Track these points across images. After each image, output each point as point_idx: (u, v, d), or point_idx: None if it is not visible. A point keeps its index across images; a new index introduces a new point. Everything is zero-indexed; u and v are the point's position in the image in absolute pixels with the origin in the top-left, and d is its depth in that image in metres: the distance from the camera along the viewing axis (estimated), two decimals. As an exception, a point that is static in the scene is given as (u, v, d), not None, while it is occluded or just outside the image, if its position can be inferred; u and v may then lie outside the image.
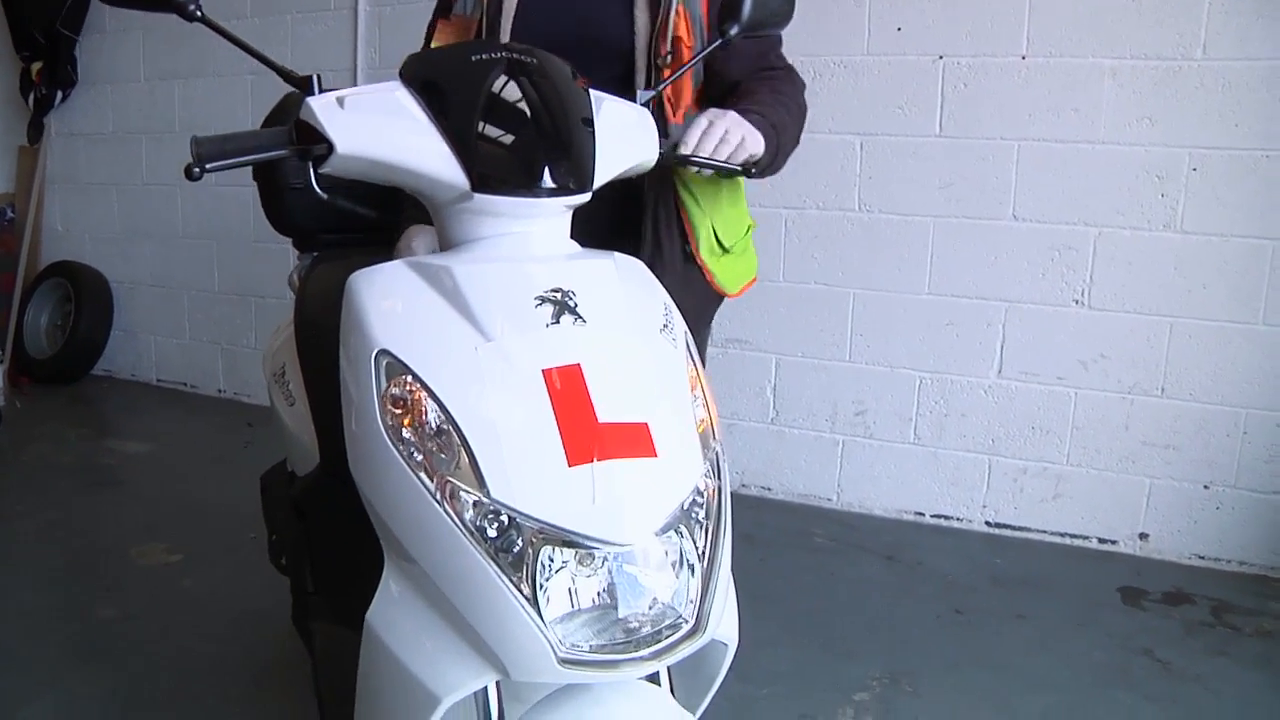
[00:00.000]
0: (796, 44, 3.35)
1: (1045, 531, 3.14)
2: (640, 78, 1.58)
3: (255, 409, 4.22)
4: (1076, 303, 3.01)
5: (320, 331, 1.43)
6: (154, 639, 2.37)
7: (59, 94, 4.74)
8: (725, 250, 1.72)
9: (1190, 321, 2.91)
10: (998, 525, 3.20)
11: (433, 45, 1.64)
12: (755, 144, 1.47)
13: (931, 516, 3.27)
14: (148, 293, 4.77)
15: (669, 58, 1.55)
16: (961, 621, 2.60)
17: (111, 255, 4.82)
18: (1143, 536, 3.04)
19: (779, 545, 3.07)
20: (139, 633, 2.40)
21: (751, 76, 1.67)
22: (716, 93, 1.67)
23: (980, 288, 3.11)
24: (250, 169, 1.92)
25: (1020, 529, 3.17)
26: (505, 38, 1.61)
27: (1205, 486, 2.96)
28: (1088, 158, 2.94)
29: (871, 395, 3.31)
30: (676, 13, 1.56)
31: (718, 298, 1.76)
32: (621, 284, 1.14)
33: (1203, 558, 2.98)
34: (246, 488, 2.28)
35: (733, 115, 1.45)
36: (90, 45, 4.67)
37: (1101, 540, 3.08)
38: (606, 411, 1.01)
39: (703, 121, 1.43)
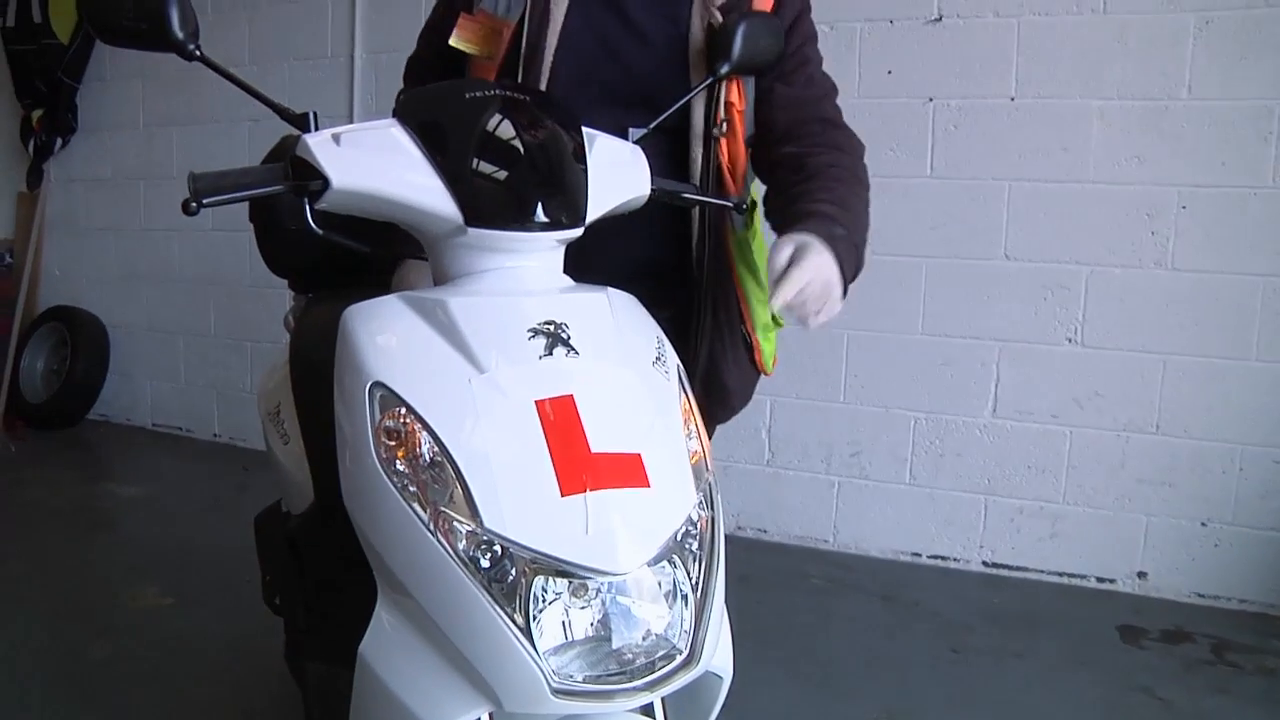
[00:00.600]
0: (788, 87, 3.37)
1: (1043, 571, 3.13)
2: (697, 149, 1.52)
3: (251, 453, 4.21)
4: (1069, 341, 3.03)
5: (315, 369, 1.43)
6: (145, 680, 2.35)
7: (59, 141, 4.78)
8: (778, 324, 1.67)
9: (1183, 358, 2.92)
10: (995, 565, 3.18)
11: (451, 42, 1.57)
12: (838, 298, 1.35)
13: (928, 557, 3.26)
14: (144, 337, 4.78)
15: (724, 126, 1.51)
16: (959, 660, 2.58)
17: (108, 300, 4.84)
18: (1141, 575, 3.03)
19: (775, 586, 3.06)
20: (130, 674, 2.38)
21: (807, 132, 1.55)
22: (767, 140, 1.58)
23: (973, 327, 3.13)
24: (247, 210, 1.95)
25: (1018, 568, 3.16)
26: (547, 63, 1.53)
27: (1203, 524, 2.96)
28: (1078, 197, 2.97)
29: (866, 436, 3.31)
30: (729, 79, 1.51)
31: (758, 375, 1.70)
32: (614, 317, 1.15)
33: (1202, 596, 2.97)
34: (241, 531, 2.27)
35: (827, 265, 1.31)
36: (90, 93, 4.72)
37: (1100, 579, 3.07)
38: (599, 442, 1.01)
39: (803, 278, 1.28)
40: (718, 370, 1.59)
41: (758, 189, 1.66)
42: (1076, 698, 2.39)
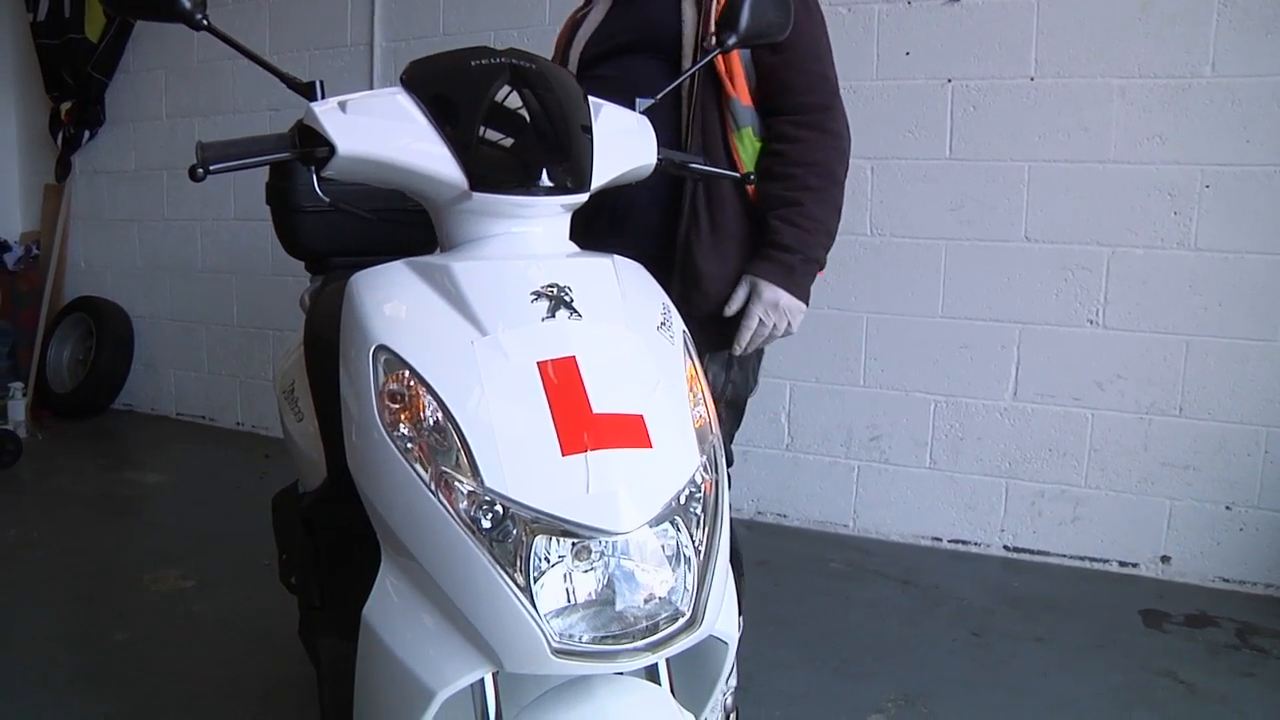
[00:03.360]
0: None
1: (1064, 555, 3.10)
2: (687, 61, 1.67)
3: (273, 441, 4.24)
4: (1091, 323, 3.00)
5: (327, 346, 1.44)
6: (165, 661, 2.38)
7: (86, 133, 4.83)
8: None
9: (1207, 340, 2.88)
10: (1016, 549, 3.16)
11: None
12: (795, 314, 1.71)
13: (949, 541, 3.24)
14: (168, 327, 4.82)
15: (714, 38, 1.61)
16: (978, 644, 2.56)
17: (132, 290, 4.89)
18: (1164, 559, 2.99)
19: (794, 571, 3.04)
20: (150, 655, 2.40)
21: (807, 97, 1.70)
22: (773, 88, 1.72)
23: (994, 309, 3.10)
24: (265, 194, 1.97)
25: (1039, 553, 3.13)
26: (580, 45, 1.81)
27: (1227, 507, 2.92)
28: (1099, 177, 2.93)
29: (886, 420, 3.29)
30: (718, 3, 1.64)
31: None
32: (619, 282, 1.15)
33: (1227, 580, 2.93)
34: (261, 516, 2.29)
35: (770, 299, 1.67)
36: (115, 85, 4.77)
37: (1122, 563, 3.04)
38: (601, 403, 1.01)
39: (753, 321, 1.69)
40: (690, 254, 1.70)
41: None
42: (1098, 681, 2.37)
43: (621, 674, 1.08)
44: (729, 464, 1.60)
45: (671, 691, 1.14)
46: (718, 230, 1.69)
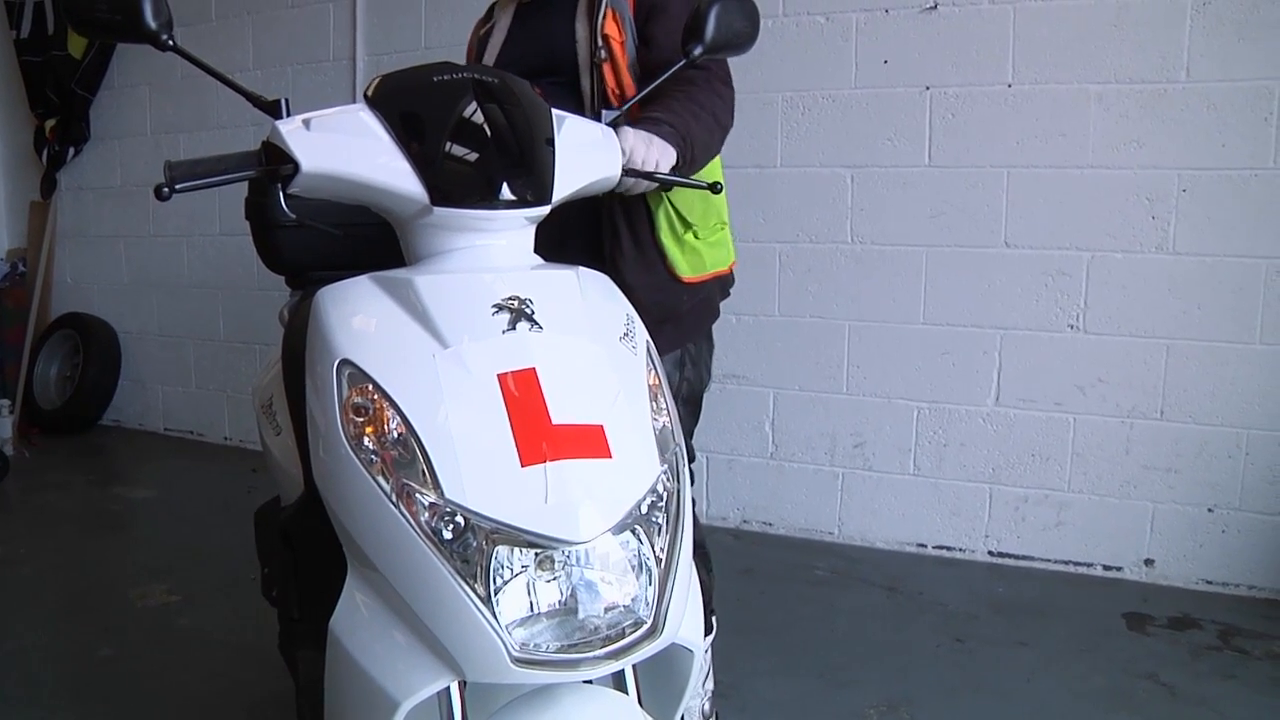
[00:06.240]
0: (785, 79, 3.40)
1: (1049, 560, 3.11)
2: (585, 80, 1.69)
3: (260, 456, 4.23)
4: (1071, 328, 3.01)
5: (302, 359, 1.45)
6: (150, 676, 2.38)
7: (71, 150, 4.83)
8: (689, 226, 1.74)
9: (1187, 343, 2.89)
10: (1000, 555, 3.16)
11: None
12: (666, 157, 1.50)
13: (933, 548, 3.24)
14: (155, 343, 4.82)
15: (603, 53, 1.66)
16: (962, 649, 2.57)
17: (119, 306, 4.89)
18: (1148, 562, 3.00)
19: (779, 579, 3.04)
20: (136, 670, 2.41)
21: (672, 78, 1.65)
22: (646, 69, 1.69)
23: (975, 316, 3.12)
24: (243, 210, 1.98)
25: (1023, 558, 3.14)
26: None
27: (1209, 510, 2.93)
28: (1077, 183, 2.95)
29: (870, 427, 3.30)
30: (605, 15, 1.66)
31: (679, 284, 1.76)
32: (582, 294, 1.16)
33: (1210, 582, 2.94)
34: (247, 531, 2.30)
35: (643, 135, 1.47)
36: (99, 102, 4.77)
37: (1106, 567, 3.04)
38: (561, 414, 1.02)
39: (624, 149, 1.43)
40: (617, 268, 1.68)
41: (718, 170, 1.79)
42: (1080, 684, 2.37)
43: (590, 682, 1.09)
44: (690, 460, 1.60)
45: (640, 700, 1.15)
46: (639, 242, 1.70)
